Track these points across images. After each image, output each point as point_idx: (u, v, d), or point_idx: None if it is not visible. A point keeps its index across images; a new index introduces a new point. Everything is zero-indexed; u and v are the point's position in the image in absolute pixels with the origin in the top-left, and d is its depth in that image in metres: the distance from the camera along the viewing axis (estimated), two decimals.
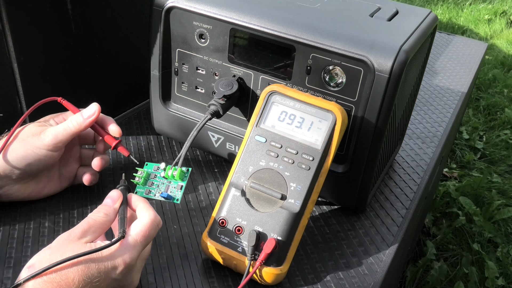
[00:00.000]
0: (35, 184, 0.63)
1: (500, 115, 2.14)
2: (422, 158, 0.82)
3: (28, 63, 0.69)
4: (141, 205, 0.54)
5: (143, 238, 0.51)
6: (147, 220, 0.52)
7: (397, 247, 0.64)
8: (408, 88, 0.68)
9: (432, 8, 3.30)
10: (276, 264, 0.55)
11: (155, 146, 0.79)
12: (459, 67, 1.18)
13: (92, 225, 0.51)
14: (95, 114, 0.63)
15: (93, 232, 0.51)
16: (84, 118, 0.62)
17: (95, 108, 0.63)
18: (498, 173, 1.80)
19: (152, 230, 0.52)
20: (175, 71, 0.72)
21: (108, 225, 0.53)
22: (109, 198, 0.55)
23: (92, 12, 0.75)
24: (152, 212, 0.53)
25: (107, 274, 0.48)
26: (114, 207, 0.54)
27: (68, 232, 0.50)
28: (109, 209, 0.53)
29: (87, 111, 0.63)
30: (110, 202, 0.54)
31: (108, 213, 0.53)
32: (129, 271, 0.50)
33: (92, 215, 0.52)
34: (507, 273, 1.37)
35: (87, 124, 0.63)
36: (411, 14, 0.67)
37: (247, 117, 0.69)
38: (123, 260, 0.49)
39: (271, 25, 0.61)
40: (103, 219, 0.52)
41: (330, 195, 0.69)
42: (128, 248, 0.49)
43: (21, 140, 0.60)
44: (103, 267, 0.48)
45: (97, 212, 0.53)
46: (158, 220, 0.53)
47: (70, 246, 0.48)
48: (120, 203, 0.54)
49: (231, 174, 0.59)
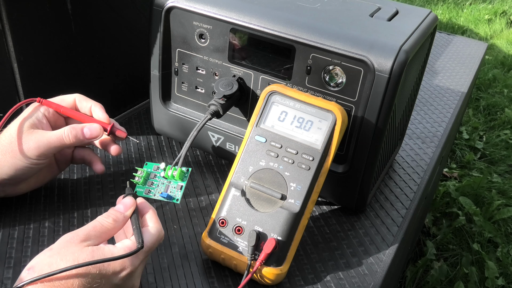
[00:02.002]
0: (35, 178, 0.63)
1: (500, 115, 2.14)
2: (422, 158, 0.82)
3: (28, 63, 0.69)
4: (150, 214, 0.54)
5: (147, 249, 0.50)
6: (154, 232, 0.52)
7: (397, 247, 0.64)
8: (408, 88, 0.68)
9: (432, 8, 3.30)
10: (276, 264, 0.55)
11: (155, 146, 0.79)
12: (459, 67, 1.18)
13: (98, 230, 0.50)
14: (98, 137, 0.61)
15: (97, 237, 0.49)
16: (85, 137, 0.60)
17: (99, 132, 0.60)
18: (498, 173, 1.80)
19: (156, 243, 0.52)
20: (175, 71, 0.72)
21: (115, 232, 0.52)
22: (122, 204, 0.53)
23: (92, 12, 0.75)
24: (159, 225, 0.53)
25: (107, 280, 0.47)
26: (125, 215, 0.52)
27: (72, 233, 0.49)
28: (119, 215, 0.52)
29: (90, 132, 0.60)
30: (122, 209, 0.53)
31: (118, 219, 0.51)
32: (130, 277, 0.50)
33: (100, 219, 0.51)
34: (507, 273, 1.37)
35: (85, 142, 0.60)
36: (411, 14, 0.67)
37: (247, 117, 0.69)
38: (125, 267, 0.48)
39: (271, 25, 0.61)
40: (110, 225, 0.51)
41: (330, 195, 0.69)
42: (132, 256, 0.49)
43: (10, 151, 0.57)
44: (104, 272, 0.47)
45: (107, 217, 0.51)
46: (163, 234, 0.53)
47: (72, 249, 0.47)
48: (132, 212, 0.53)
49: (231, 174, 0.59)
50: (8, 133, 0.59)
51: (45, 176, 0.65)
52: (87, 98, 0.64)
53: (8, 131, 0.59)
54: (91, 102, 0.63)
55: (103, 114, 0.63)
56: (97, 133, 0.61)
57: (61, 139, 0.59)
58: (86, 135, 0.60)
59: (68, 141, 0.59)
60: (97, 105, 0.63)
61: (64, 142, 0.59)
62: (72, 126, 0.60)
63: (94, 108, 0.63)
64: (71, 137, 0.59)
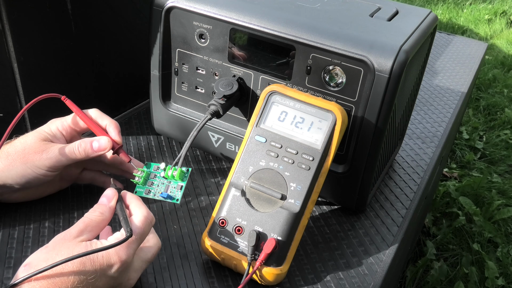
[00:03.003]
0: (35, 189, 0.63)
1: (500, 115, 2.14)
2: (422, 158, 0.82)
3: (28, 63, 0.69)
4: (134, 202, 0.54)
5: (138, 236, 0.51)
6: (140, 217, 0.52)
7: (397, 247, 0.64)
8: (408, 88, 0.68)
9: (432, 8, 3.30)
10: (276, 264, 0.55)
11: (155, 146, 0.79)
12: (459, 67, 1.18)
13: (88, 224, 0.51)
14: (106, 150, 0.61)
15: (89, 232, 0.50)
16: (94, 151, 0.60)
17: (107, 145, 0.61)
18: (498, 173, 1.80)
19: (146, 227, 0.52)
20: (175, 71, 0.72)
21: (105, 224, 0.52)
22: (104, 196, 0.54)
23: (92, 12, 0.75)
24: (145, 209, 0.53)
25: (102, 272, 0.48)
26: (110, 206, 0.54)
27: (64, 232, 0.50)
28: (104, 207, 0.53)
29: (98, 144, 0.61)
30: (106, 201, 0.54)
31: (104, 211, 0.53)
32: (125, 269, 0.50)
33: (88, 215, 0.52)
34: (507, 273, 1.37)
35: (94, 156, 0.61)
36: (411, 14, 0.67)
37: (247, 117, 0.69)
38: (118, 257, 0.49)
39: (271, 25, 0.61)
40: (99, 218, 0.52)
41: (330, 195, 0.69)
42: (124, 245, 0.49)
43: (22, 157, 0.58)
44: (98, 264, 0.48)
45: (93, 211, 0.52)
46: (151, 217, 0.53)
47: (66, 244, 0.48)
48: (116, 201, 0.54)
49: (231, 174, 0.59)
50: (23, 140, 0.60)
51: (45, 190, 0.64)
52: (104, 114, 0.64)
53: (23, 138, 0.60)
54: (107, 120, 0.64)
55: (116, 135, 0.63)
56: (106, 146, 0.61)
57: (72, 153, 0.60)
58: (95, 148, 0.61)
59: (79, 154, 0.60)
60: (112, 124, 0.64)
61: (75, 156, 0.60)
62: (82, 140, 0.61)
63: (109, 127, 0.64)
64: (81, 151, 0.60)
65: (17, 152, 0.59)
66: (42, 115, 0.67)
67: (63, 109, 0.64)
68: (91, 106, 0.65)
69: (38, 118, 0.72)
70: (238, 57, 0.66)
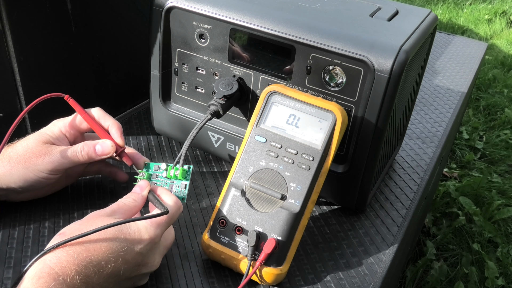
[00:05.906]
0: (41, 189, 0.63)
1: (500, 115, 2.14)
2: (422, 158, 0.82)
3: (28, 63, 0.69)
4: (164, 192, 0.58)
5: (168, 218, 0.54)
6: (171, 203, 0.55)
7: (397, 247, 0.64)
8: (408, 88, 0.68)
9: (432, 8, 3.30)
10: (276, 264, 0.55)
11: (155, 146, 0.79)
12: (459, 67, 1.18)
13: (121, 207, 0.54)
14: (109, 154, 0.61)
15: (121, 214, 0.53)
16: (97, 154, 0.61)
17: (111, 149, 0.61)
18: (498, 173, 1.80)
19: (176, 212, 0.55)
20: (175, 71, 0.72)
21: (136, 210, 0.55)
22: (138, 186, 0.58)
23: (92, 12, 0.75)
24: (175, 197, 0.57)
25: (132, 246, 0.50)
26: (142, 194, 0.57)
27: (99, 210, 0.53)
28: (137, 195, 0.56)
29: (102, 148, 0.61)
30: (139, 190, 0.57)
31: (137, 199, 0.56)
32: (152, 248, 0.52)
33: (122, 199, 0.55)
34: (507, 273, 1.37)
35: (97, 160, 0.61)
36: (411, 14, 0.67)
37: (247, 117, 0.69)
38: (148, 234, 0.51)
39: (271, 25, 0.61)
40: (132, 204, 0.55)
41: (330, 195, 0.69)
42: (154, 225, 0.52)
43: (24, 161, 0.58)
44: (130, 237, 0.50)
45: (127, 197, 0.56)
46: (180, 204, 0.57)
47: (100, 219, 0.51)
48: (148, 191, 0.57)
49: (231, 174, 0.59)
50: (25, 143, 0.59)
51: (51, 188, 0.65)
52: (106, 114, 0.64)
53: (25, 141, 0.60)
54: (109, 121, 0.64)
55: (118, 137, 0.63)
56: (109, 150, 0.61)
57: (75, 156, 0.60)
58: (98, 152, 0.61)
59: (81, 158, 0.60)
60: (114, 125, 0.63)
61: (78, 159, 0.60)
62: (85, 143, 0.61)
63: (111, 128, 0.63)
64: (84, 154, 0.60)
65: (19, 156, 0.58)
66: (42, 115, 0.67)
67: (63, 109, 0.64)
68: (91, 106, 0.65)
69: (38, 118, 0.72)
70: (238, 57, 0.66)
